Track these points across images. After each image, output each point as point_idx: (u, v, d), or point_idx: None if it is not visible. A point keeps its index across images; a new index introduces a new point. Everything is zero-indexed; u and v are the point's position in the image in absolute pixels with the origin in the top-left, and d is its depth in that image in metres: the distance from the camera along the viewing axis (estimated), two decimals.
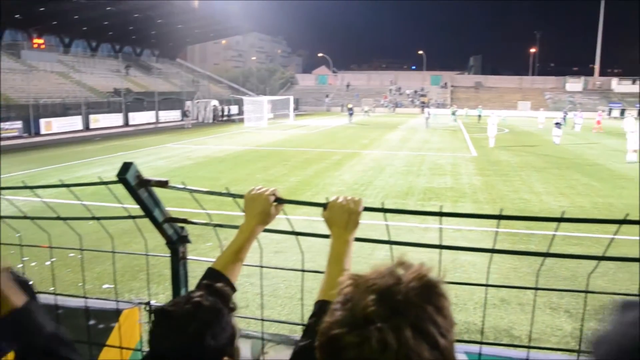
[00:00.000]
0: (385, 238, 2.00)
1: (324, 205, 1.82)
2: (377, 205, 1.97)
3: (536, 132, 39.98)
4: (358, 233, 1.82)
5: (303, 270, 2.04)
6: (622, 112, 63.96)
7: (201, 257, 2.14)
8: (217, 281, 1.60)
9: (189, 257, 2.35)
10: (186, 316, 1.35)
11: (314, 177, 17.94)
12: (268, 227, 1.94)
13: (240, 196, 1.93)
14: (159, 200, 2.16)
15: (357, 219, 1.79)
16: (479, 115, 52.61)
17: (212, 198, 2.01)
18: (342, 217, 1.77)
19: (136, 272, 8.17)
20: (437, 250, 7.32)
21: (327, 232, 1.85)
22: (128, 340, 2.73)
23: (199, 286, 1.65)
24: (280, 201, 1.90)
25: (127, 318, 2.71)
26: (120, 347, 2.67)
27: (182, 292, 2.31)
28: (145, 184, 2.07)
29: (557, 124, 30.69)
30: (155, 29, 62.94)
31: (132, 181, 2.01)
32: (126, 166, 2.01)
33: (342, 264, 1.69)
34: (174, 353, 1.33)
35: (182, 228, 2.30)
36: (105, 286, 7.78)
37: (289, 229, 2.16)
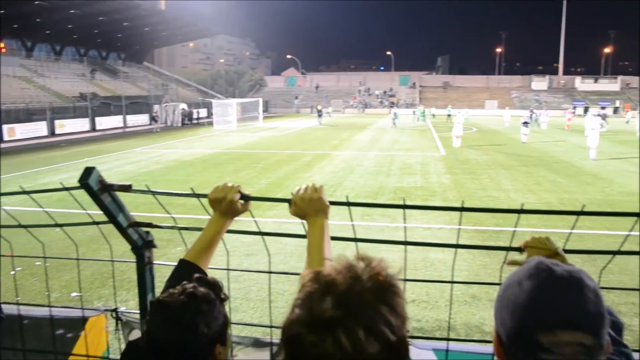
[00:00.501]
0: (356, 238, 1.99)
1: (288, 202, 1.81)
2: (347, 207, 1.96)
3: (503, 131, 40.62)
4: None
5: (270, 272, 2.02)
6: (586, 110, 65.40)
7: (168, 262, 2.10)
8: (192, 272, 1.64)
9: (155, 261, 2.31)
10: (181, 306, 1.43)
11: (284, 179, 17.90)
12: (236, 228, 1.91)
13: (204, 196, 1.90)
14: (123, 205, 2.12)
15: (325, 204, 1.80)
16: (449, 115, 53.18)
17: (181, 202, 1.98)
18: (309, 207, 1.77)
19: (105, 278, 8.03)
20: (410, 248, 7.36)
21: (294, 232, 1.84)
22: (95, 349, 2.67)
23: (175, 274, 1.73)
24: (245, 198, 1.88)
25: (94, 326, 2.65)
26: (87, 356, 2.61)
27: (149, 297, 2.27)
28: (108, 188, 2.02)
29: (524, 122, 31.06)
30: (121, 32, 62.03)
31: (94, 186, 1.96)
32: (88, 171, 1.97)
33: (322, 252, 1.70)
34: (170, 342, 1.42)
35: (148, 233, 2.26)
36: (73, 294, 7.62)
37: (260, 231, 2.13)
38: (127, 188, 2.05)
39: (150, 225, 2.19)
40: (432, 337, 4.95)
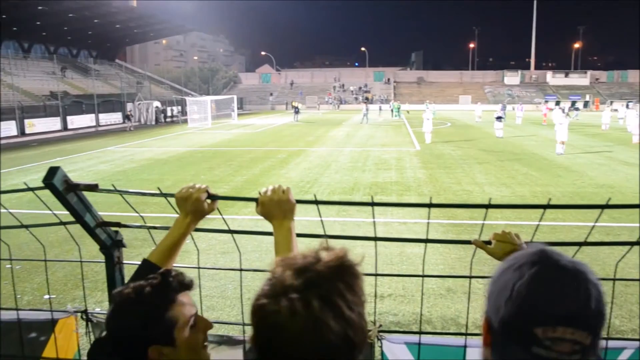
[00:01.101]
0: (333, 234, 1.97)
1: (255, 200, 1.78)
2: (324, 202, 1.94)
3: (477, 125, 41.04)
4: (301, 229, 1.79)
5: (241, 270, 1.99)
6: (557, 104, 66.42)
7: (137, 262, 2.05)
8: (152, 273, 1.61)
9: (125, 261, 2.26)
10: (128, 301, 1.43)
11: (260, 176, 17.82)
12: (210, 227, 1.89)
13: (172, 195, 1.86)
14: (90, 204, 2.07)
15: (292, 206, 1.81)
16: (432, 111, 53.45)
17: (156, 201, 1.94)
18: (276, 209, 1.76)
19: (79, 280, 7.87)
20: (386, 243, 7.38)
21: (271, 229, 1.82)
22: (65, 351, 2.61)
23: (136, 274, 1.73)
24: (212, 197, 1.85)
25: (63, 328, 2.58)
26: (57, 359, 2.55)
27: None
28: (74, 188, 1.97)
29: (498, 117, 31.27)
30: (92, 29, 61.02)
31: (59, 186, 1.91)
32: (52, 171, 1.92)
33: (290, 252, 1.68)
34: (121, 335, 1.43)
35: (117, 232, 2.22)
36: (46, 297, 7.47)
37: (239, 228, 2.09)
38: (93, 187, 2.00)
39: (118, 224, 2.14)
40: (404, 331, 4.97)
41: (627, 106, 44.25)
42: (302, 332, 1.01)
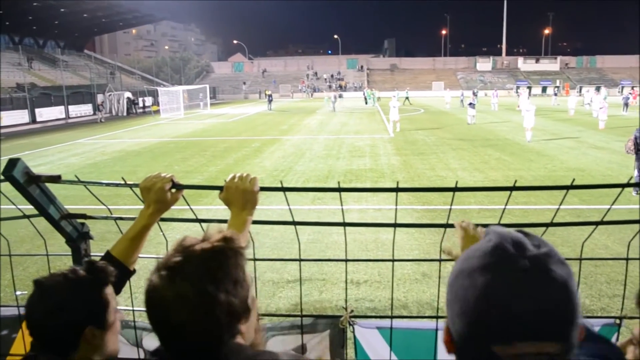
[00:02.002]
0: (310, 221, 1.95)
1: (221, 188, 1.74)
2: (297, 192, 1.91)
3: (450, 112, 41.32)
4: (275, 217, 1.76)
5: None
6: (529, 89, 67.26)
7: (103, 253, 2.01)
8: (114, 267, 1.63)
9: (92, 253, 2.21)
10: (54, 287, 1.47)
11: (234, 166, 17.71)
12: (182, 217, 1.84)
13: (137, 185, 1.82)
14: (53, 196, 2.02)
15: (255, 198, 1.75)
16: (406, 97, 53.74)
17: (129, 193, 1.89)
18: (239, 197, 1.72)
19: None
20: (362, 230, 7.40)
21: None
22: None
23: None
24: (177, 187, 1.80)
25: None
26: (25, 356, 2.49)
27: None
28: (36, 180, 1.92)
29: (470, 104, 31.29)
30: (58, 18, 59.67)
31: (20, 178, 1.85)
32: (12, 162, 1.86)
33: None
34: (42, 319, 1.45)
35: (83, 224, 2.16)
36: (18, 293, 7.32)
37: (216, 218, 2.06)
38: (55, 179, 1.94)
39: (84, 216, 2.10)
40: (376, 316, 5.01)
41: (597, 90, 44.80)
42: (166, 304, 1.14)
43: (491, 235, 0.97)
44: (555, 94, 53.63)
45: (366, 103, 53.98)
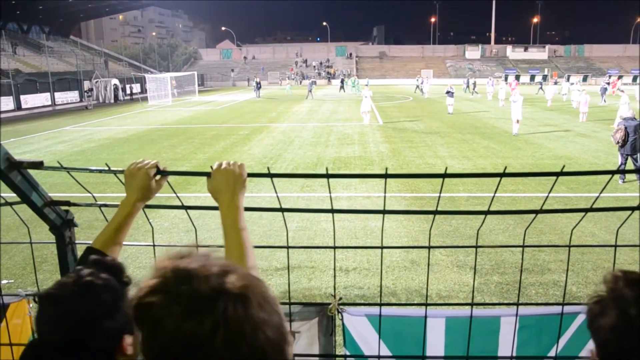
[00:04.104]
0: (298, 207, 1.93)
1: (207, 175, 1.71)
2: (286, 180, 1.89)
3: (439, 99, 41.34)
4: (264, 204, 1.74)
5: (197, 246, 1.93)
6: (517, 78, 67.39)
7: (89, 241, 1.98)
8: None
9: (77, 241, 2.18)
10: (76, 298, 1.24)
11: (222, 153, 17.63)
12: (166, 204, 1.80)
13: (122, 171, 1.78)
14: (36, 183, 1.98)
15: (244, 185, 1.71)
16: (417, 86, 53.34)
17: (117, 181, 1.83)
18: (228, 184, 1.68)
19: (39, 263, 7.68)
20: (351, 217, 7.39)
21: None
22: (19, 336, 2.52)
23: (80, 263, 1.53)
24: (162, 173, 1.77)
25: (15, 312, 2.49)
26: (11, 344, 2.46)
27: None
28: (17, 166, 1.88)
29: (448, 92, 30.09)
30: (42, 3, 58.68)
31: (1, 164, 1.81)
32: None
33: (239, 229, 1.61)
34: (66, 340, 1.22)
35: (67, 212, 2.13)
36: (4, 282, 7.27)
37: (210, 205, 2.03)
38: (37, 165, 1.90)
39: (67, 203, 2.06)
40: (365, 303, 5.03)
41: (568, 80, 44.31)
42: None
43: None
44: (541, 84, 53.55)
45: (358, 90, 53.95)
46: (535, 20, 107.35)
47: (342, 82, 58.49)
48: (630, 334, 1.06)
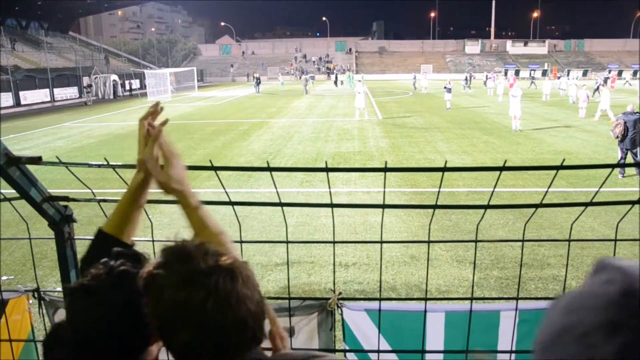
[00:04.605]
0: (297, 202, 1.93)
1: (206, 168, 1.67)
2: (285, 174, 1.88)
3: (438, 94, 41.30)
4: (264, 199, 1.73)
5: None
6: (517, 73, 67.32)
7: (89, 236, 1.97)
8: (109, 245, 1.46)
9: (76, 237, 2.18)
10: (112, 289, 1.26)
11: (222, 149, 17.62)
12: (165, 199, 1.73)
13: (120, 166, 1.78)
14: (35, 179, 1.97)
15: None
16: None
17: (117, 176, 1.80)
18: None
19: (39, 259, 7.69)
20: (350, 212, 7.39)
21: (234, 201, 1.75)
22: (18, 332, 2.52)
23: (93, 247, 1.54)
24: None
25: (14, 308, 2.49)
26: (10, 340, 2.46)
27: (72, 274, 2.14)
28: (16, 161, 1.87)
29: (446, 87, 30.14)
30: None
31: None
32: None
33: (211, 230, 1.54)
34: (104, 330, 1.25)
35: (66, 207, 2.12)
36: (4, 278, 7.28)
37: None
38: (36, 160, 1.90)
39: (66, 199, 2.05)
40: (364, 298, 5.03)
41: (568, 75, 43.79)
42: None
43: (609, 273, 0.65)
44: (533, 79, 53.25)
45: (352, 86, 54.11)
46: (535, 14, 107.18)
47: (335, 77, 59.06)
48: None
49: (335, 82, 57.29)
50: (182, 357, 1.15)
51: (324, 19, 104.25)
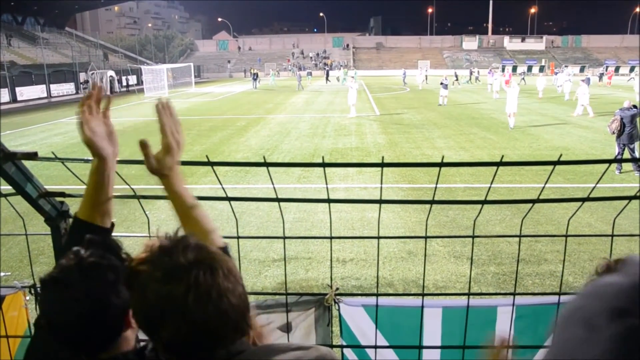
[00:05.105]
0: (279, 198, 1.92)
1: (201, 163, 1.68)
2: (282, 169, 1.88)
3: (436, 90, 41.28)
4: (261, 195, 1.73)
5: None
6: (514, 69, 67.39)
7: (86, 234, 1.96)
8: (85, 231, 1.47)
9: None
10: (82, 281, 1.28)
11: (219, 145, 17.59)
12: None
13: (120, 162, 1.76)
14: (31, 174, 1.96)
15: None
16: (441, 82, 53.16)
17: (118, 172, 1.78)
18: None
19: (35, 255, 7.67)
20: (348, 208, 7.38)
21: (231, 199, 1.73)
22: (15, 328, 2.52)
23: (70, 235, 1.58)
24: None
25: (11, 304, 2.48)
26: (7, 337, 2.45)
27: None
28: (11, 157, 1.86)
29: (442, 84, 30.03)
30: None
31: None
32: None
33: (197, 203, 1.58)
34: (75, 324, 1.27)
35: (62, 203, 2.12)
36: (1, 274, 7.26)
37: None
38: (32, 156, 1.89)
39: (62, 194, 2.05)
40: (362, 294, 5.03)
41: (564, 71, 43.42)
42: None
43: (629, 268, 0.70)
44: (523, 74, 53.17)
45: (326, 81, 55.38)
46: (532, 10, 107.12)
47: (326, 73, 59.75)
48: None
49: (326, 79, 57.70)
50: (167, 352, 1.15)
51: (321, 14, 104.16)
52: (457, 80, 46.47)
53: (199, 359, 1.15)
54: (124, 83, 52.50)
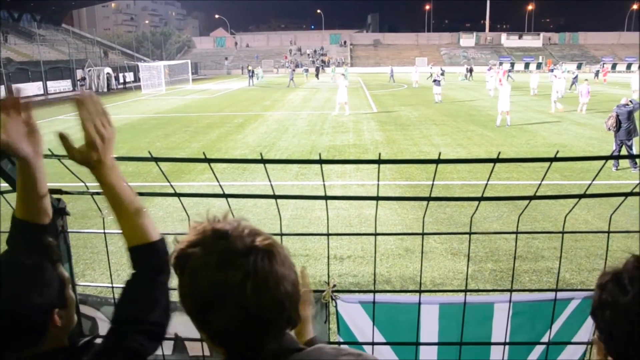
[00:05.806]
0: (276, 195, 1.92)
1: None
2: (280, 166, 1.88)
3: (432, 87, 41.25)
4: (258, 192, 1.73)
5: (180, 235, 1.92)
6: (512, 66, 67.46)
7: (90, 230, 1.94)
8: (23, 229, 1.56)
9: (70, 229, 2.17)
10: (5, 278, 1.32)
11: (216, 142, 17.58)
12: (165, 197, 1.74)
13: (116, 158, 1.76)
14: None
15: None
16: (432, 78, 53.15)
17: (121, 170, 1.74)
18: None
19: None
20: (345, 205, 7.39)
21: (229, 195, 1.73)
22: None
23: (12, 242, 1.61)
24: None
25: None
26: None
27: (66, 267, 2.13)
28: (8, 154, 1.85)
29: (435, 81, 30.00)
30: None
31: None
32: None
33: (131, 207, 1.47)
34: (14, 310, 1.30)
35: (59, 200, 2.11)
36: None
37: (201, 192, 2.01)
38: None
39: (59, 191, 2.04)
40: (359, 290, 5.03)
41: (553, 71, 43.23)
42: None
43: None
44: (510, 71, 52.99)
45: (317, 78, 56.38)
46: (529, 7, 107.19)
47: (317, 70, 60.49)
48: None
49: (316, 75, 58.29)
50: (217, 339, 1.12)
51: (318, 11, 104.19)
52: (442, 74, 46.35)
53: (249, 349, 1.12)
54: (121, 80, 52.37)
